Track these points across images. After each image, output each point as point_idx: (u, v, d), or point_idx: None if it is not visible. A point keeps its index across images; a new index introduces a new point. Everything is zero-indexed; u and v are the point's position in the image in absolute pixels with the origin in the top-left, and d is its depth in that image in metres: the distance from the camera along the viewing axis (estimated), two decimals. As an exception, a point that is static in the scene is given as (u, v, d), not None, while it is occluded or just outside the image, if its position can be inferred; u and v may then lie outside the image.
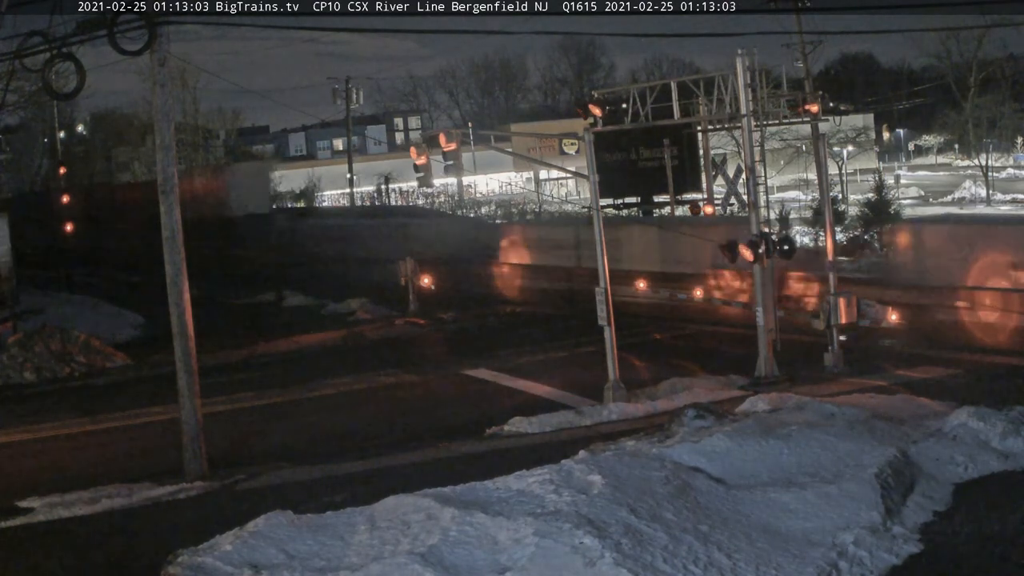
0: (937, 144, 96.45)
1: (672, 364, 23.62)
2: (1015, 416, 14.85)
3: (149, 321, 34.01)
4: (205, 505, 15.22)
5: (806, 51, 48.51)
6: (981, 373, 20.61)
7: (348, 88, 67.70)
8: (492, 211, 67.10)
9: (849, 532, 11.41)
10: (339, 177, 73.35)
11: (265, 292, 41.37)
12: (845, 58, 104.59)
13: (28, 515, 15.34)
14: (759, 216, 22.22)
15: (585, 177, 21.77)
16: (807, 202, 61.68)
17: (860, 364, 21.89)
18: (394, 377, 24.99)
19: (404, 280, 34.42)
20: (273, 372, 26.57)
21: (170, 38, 16.71)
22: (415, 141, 71.54)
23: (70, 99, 24.78)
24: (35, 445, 20.70)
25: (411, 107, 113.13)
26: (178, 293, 17.03)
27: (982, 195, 65.62)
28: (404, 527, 11.48)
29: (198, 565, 11.18)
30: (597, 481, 12.07)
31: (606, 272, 20.48)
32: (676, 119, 27.84)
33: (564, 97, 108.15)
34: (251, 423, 21.21)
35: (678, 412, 16.75)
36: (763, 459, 13.59)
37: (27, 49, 16.77)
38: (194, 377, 17.15)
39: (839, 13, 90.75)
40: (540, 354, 26.38)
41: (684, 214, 33.18)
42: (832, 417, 15.62)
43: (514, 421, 19.06)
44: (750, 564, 10.72)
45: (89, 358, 28.27)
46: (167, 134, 17.03)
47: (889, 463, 13.13)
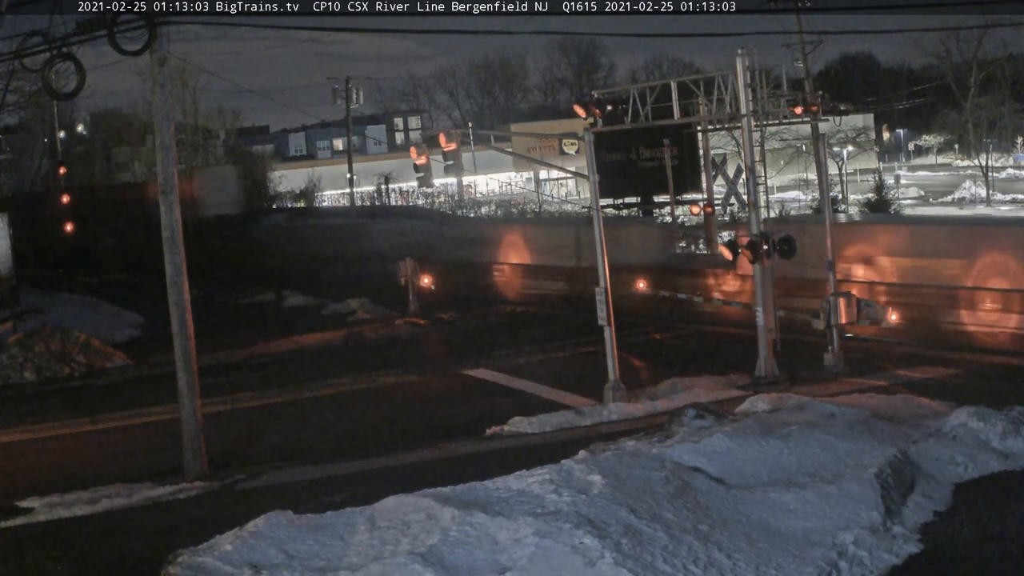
0: (937, 144, 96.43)
1: (672, 364, 23.62)
2: (1015, 416, 14.85)
3: (149, 321, 34.05)
4: (205, 505, 15.23)
5: (806, 51, 48.49)
6: (981, 373, 20.62)
7: (348, 88, 67.67)
8: (492, 211, 67.11)
9: (849, 532, 11.41)
10: (339, 177, 73.31)
11: (265, 292, 41.40)
12: (845, 58, 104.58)
13: (28, 515, 15.36)
14: (759, 216, 22.21)
15: (585, 177, 21.77)
16: (807, 202, 61.71)
17: (860, 364, 21.89)
18: (394, 377, 25.00)
19: (404, 280, 34.42)
20: (273, 372, 26.58)
21: (170, 38, 16.73)
22: (415, 141, 71.40)
23: (70, 99, 24.79)
24: (35, 445, 20.72)
25: (411, 107, 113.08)
26: (178, 293, 17.04)
27: (982, 195, 65.61)
28: (404, 527, 11.48)
29: (198, 565, 11.19)
30: (597, 481, 12.07)
31: (606, 272, 20.48)
32: (676, 119, 27.78)
33: (564, 97, 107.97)
34: (251, 423, 21.21)
35: (678, 412, 16.75)
36: (763, 459, 13.59)
37: (27, 49, 16.77)
38: (194, 377, 17.16)
39: (839, 13, 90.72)
40: (540, 354, 26.39)
41: (684, 214, 33.18)
42: (832, 417, 15.63)
43: (514, 421, 19.06)
44: (750, 564, 10.72)
45: (89, 358, 28.28)
46: (167, 134, 17.04)
47: (889, 463, 13.13)
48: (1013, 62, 74.65)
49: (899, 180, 76.11)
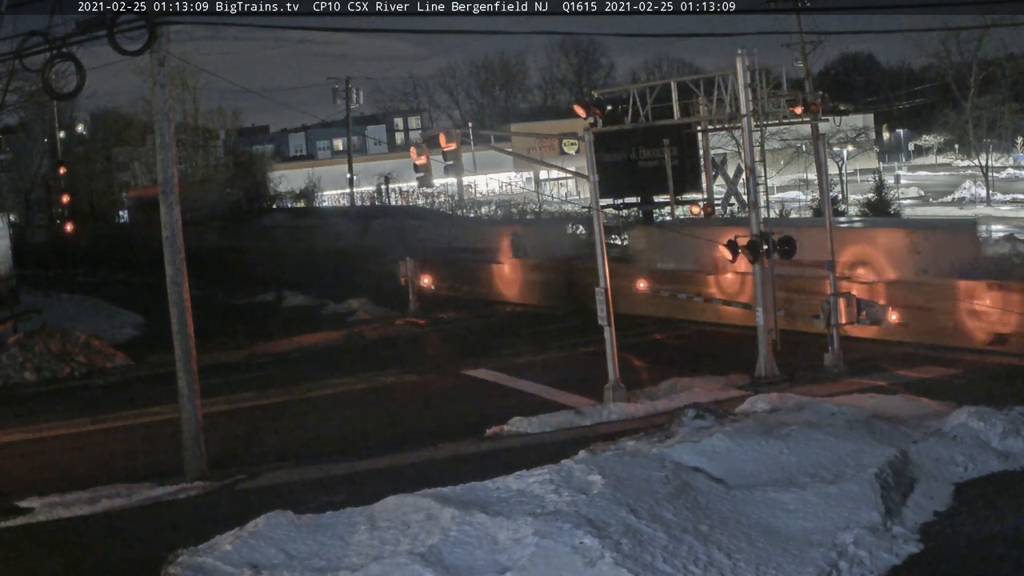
0: (937, 144, 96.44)
1: (672, 364, 23.62)
2: (1015, 416, 14.84)
3: (149, 321, 34.07)
4: (205, 505, 15.23)
5: (806, 51, 48.51)
6: (981, 373, 20.60)
7: (348, 88, 67.65)
8: (492, 211, 67.14)
9: (849, 532, 11.41)
10: (339, 177, 73.33)
11: (265, 292, 41.40)
12: (845, 58, 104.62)
13: (28, 515, 15.35)
14: (759, 216, 22.20)
15: (585, 177, 21.76)
16: (807, 202, 61.77)
17: (860, 364, 21.88)
18: (394, 377, 24.99)
19: (404, 280, 34.43)
20: (273, 372, 26.58)
21: (170, 38, 16.72)
22: (415, 141, 71.49)
23: (70, 99, 24.81)
24: (35, 445, 20.71)
25: (411, 107, 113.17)
26: (178, 293, 17.04)
27: (982, 195, 65.65)
28: (404, 527, 11.48)
29: (198, 565, 11.19)
30: (597, 481, 12.07)
31: (606, 272, 20.48)
32: (676, 119, 27.85)
33: (564, 97, 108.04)
34: (251, 423, 21.21)
35: (678, 412, 16.74)
36: (763, 459, 13.59)
37: (27, 49, 16.75)
38: (194, 377, 17.15)
39: (839, 13, 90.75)
40: (540, 354, 26.38)
41: (684, 214, 33.21)
42: (832, 417, 15.62)
43: (514, 421, 19.05)
44: (750, 564, 10.72)
45: (89, 358, 28.28)
46: (167, 134, 17.03)
47: (889, 463, 13.13)
48: (1013, 62, 74.66)
49: (899, 180, 76.14)
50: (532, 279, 34.55)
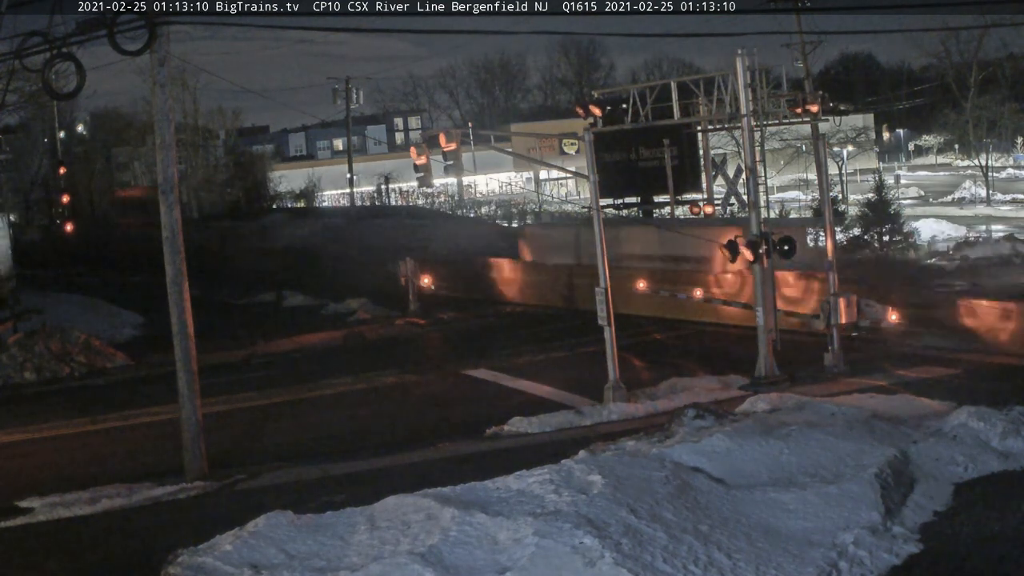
0: (937, 144, 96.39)
1: (672, 364, 23.62)
2: (1015, 416, 14.85)
3: (149, 321, 34.06)
4: (205, 505, 15.24)
5: (806, 51, 48.48)
6: (981, 373, 20.61)
7: (348, 88, 67.66)
8: (492, 211, 67.13)
9: (849, 532, 11.41)
10: (339, 177, 73.33)
11: (265, 292, 41.40)
12: (845, 58, 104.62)
13: (28, 515, 15.35)
14: (759, 216, 22.20)
15: (585, 177, 21.76)
16: (807, 202, 61.74)
17: (860, 364, 21.89)
18: (394, 377, 24.99)
19: (404, 280, 34.43)
20: (273, 372, 26.58)
21: (170, 38, 16.72)
22: (415, 141, 71.42)
23: (70, 99, 24.80)
24: (35, 445, 20.71)
25: (411, 107, 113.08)
26: (178, 293, 17.04)
27: (982, 195, 65.64)
28: (404, 527, 11.48)
29: (198, 565, 11.19)
30: (597, 481, 12.07)
31: (606, 272, 20.48)
32: (676, 119, 27.84)
33: (564, 97, 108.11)
34: (251, 423, 21.21)
35: (678, 412, 16.75)
36: (763, 459, 13.59)
37: (27, 49, 16.75)
38: (194, 377, 17.15)
39: (839, 13, 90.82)
40: (540, 354, 26.39)
41: (685, 214, 33.13)
42: (832, 417, 15.63)
43: (514, 421, 19.06)
44: (750, 564, 10.72)
45: (89, 358, 28.27)
46: (167, 134, 17.03)
47: (889, 463, 13.13)
48: (1013, 62, 74.67)
49: (899, 180, 76.14)
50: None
